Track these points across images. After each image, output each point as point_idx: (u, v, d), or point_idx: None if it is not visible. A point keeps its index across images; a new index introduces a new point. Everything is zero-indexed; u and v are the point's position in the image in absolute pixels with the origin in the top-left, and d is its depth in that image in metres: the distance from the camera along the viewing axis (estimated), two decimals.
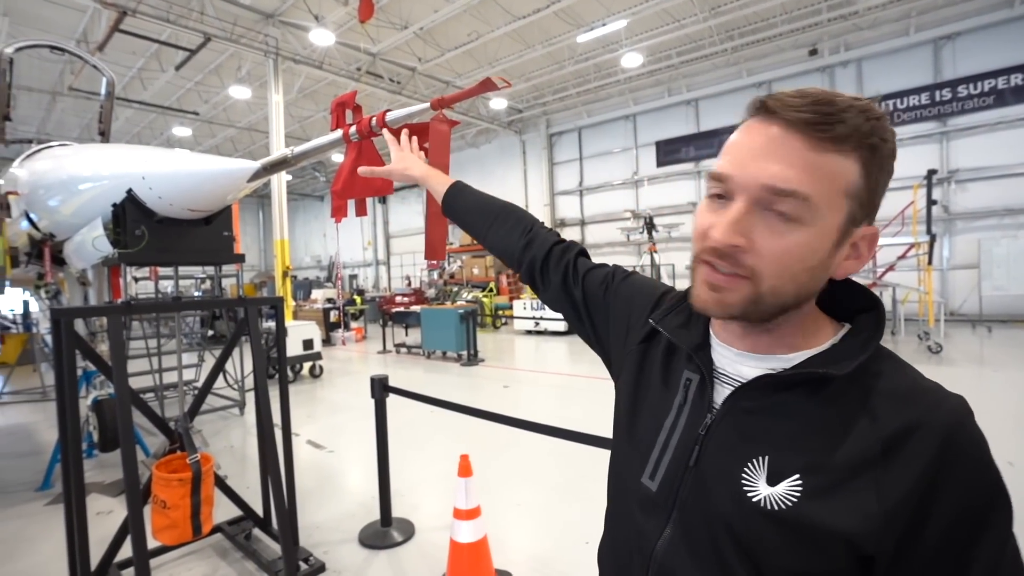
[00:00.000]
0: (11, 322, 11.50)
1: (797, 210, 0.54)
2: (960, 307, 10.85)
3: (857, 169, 0.55)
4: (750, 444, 0.61)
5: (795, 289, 0.58)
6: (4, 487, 4.00)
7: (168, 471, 2.40)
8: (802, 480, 0.56)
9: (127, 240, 2.13)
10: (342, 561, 2.81)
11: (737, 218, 0.56)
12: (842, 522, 0.53)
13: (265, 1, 9.92)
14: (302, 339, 7.62)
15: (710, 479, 0.63)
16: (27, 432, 5.55)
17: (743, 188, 0.56)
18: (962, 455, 0.53)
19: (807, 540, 0.55)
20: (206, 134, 17.19)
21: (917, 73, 10.91)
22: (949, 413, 0.55)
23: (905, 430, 0.54)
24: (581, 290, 0.91)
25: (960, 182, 10.75)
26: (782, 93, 0.56)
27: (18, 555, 2.98)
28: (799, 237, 0.55)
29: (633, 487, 0.72)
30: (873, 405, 0.57)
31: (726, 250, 0.57)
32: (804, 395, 0.59)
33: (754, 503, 0.58)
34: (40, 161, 3.08)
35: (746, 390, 0.63)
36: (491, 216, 1.02)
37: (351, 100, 1.41)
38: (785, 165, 0.54)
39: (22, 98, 12.47)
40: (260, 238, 27.22)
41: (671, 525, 0.66)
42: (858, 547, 0.54)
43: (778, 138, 0.55)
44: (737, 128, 0.61)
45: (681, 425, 0.68)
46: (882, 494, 0.53)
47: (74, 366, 2.26)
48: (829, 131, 0.53)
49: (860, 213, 0.58)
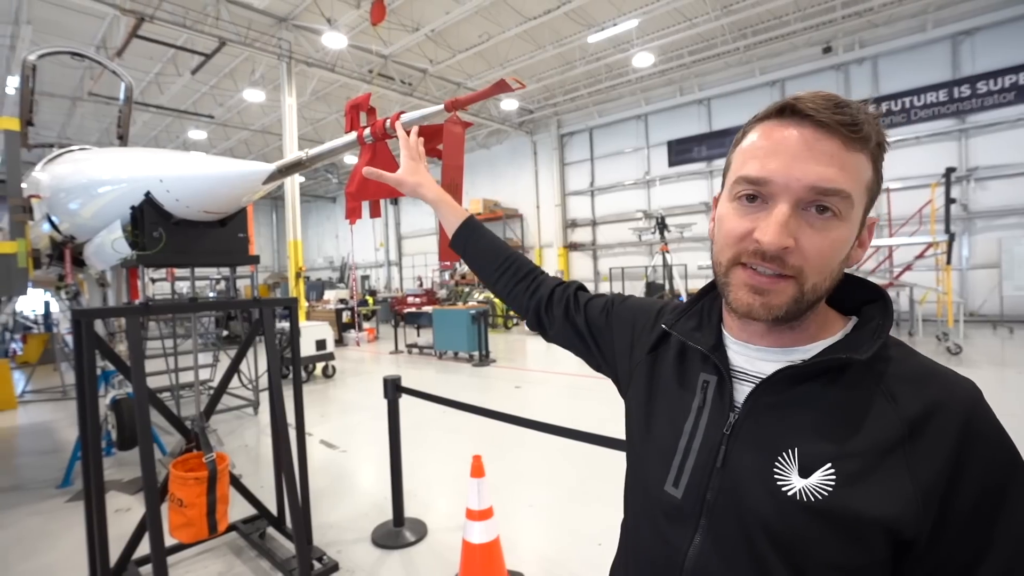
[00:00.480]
0: (33, 322, 11.76)
1: (840, 205, 0.57)
2: (980, 307, 10.63)
3: (871, 166, 0.59)
4: (778, 438, 0.61)
5: (830, 284, 0.60)
6: (27, 484, 4.09)
7: (185, 470, 2.43)
8: (835, 468, 0.57)
9: (145, 242, 2.16)
10: (355, 560, 2.83)
11: (785, 220, 0.57)
12: (882, 507, 0.54)
13: (278, 5, 10.04)
14: (315, 339, 7.68)
15: (740, 478, 0.62)
16: (48, 430, 5.67)
17: (787, 190, 0.57)
18: (982, 433, 0.55)
19: (848, 529, 0.55)
20: (221, 137, 17.44)
21: (934, 70, 10.70)
22: (966, 392, 0.58)
23: (927, 411, 0.56)
24: (583, 317, 0.94)
25: (980, 180, 10.52)
26: (807, 96, 0.57)
27: (40, 551, 3.04)
28: (839, 233, 0.58)
29: (656, 496, 0.70)
30: (891, 389, 0.58)
31: (776, 253, 0.57)
32: (824, 384, 0.61)
33: (790, 497, 0.58)
34: (61, 165, 3.15)
35: (768, 385, 0.63)
36: (499, 264, 1.05)
37: (365, 102, 1.41)
38: (827, 165, 0.56)
39: (44, 103, 12.74)
40: (273, 239, 27.54)
41: (700, 532, 0.64)
42: (898, 532, 0.54)
43: (814, 140, 0.56)
44: (751, 130, 0.62)
45: (702, 427, 0.67)
46: (915, 474, 0.55)
47: (94, 365, 2.30)
48: (859, 132, 0.56)
49: (870, 205, 0.62)
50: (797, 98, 0.58)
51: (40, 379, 8.12)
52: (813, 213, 0.57)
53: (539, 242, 17.44)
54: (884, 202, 11.00)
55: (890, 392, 0.58)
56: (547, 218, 17.19)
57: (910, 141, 11.11)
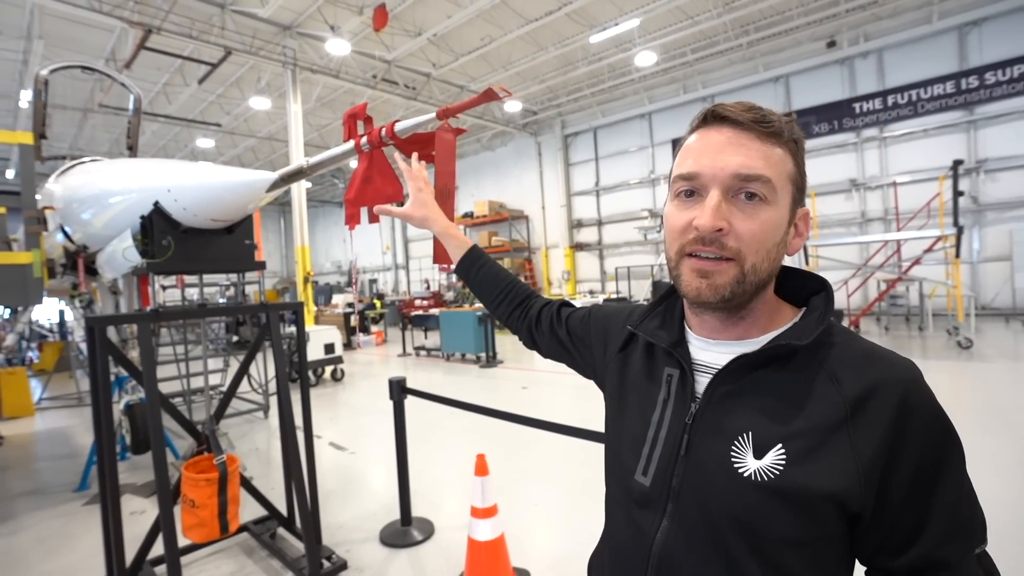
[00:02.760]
0: (48, 331, 11.98)
1: (763, 190, 0.63)
2: (992, 301, 10.50)
3: (790, 159, 0.66)
4: (734, 424, 0.65)
5: (769, 266, 0.65)
6: (45, 488, 4.19)
7: (196, 472, 2.49)
8: (785, 448, 0.61)
9: (154, 250, 2.23)
10: (364, 559, 2.88)
11: (717, 204, 0.63)
12: (828, 482, 0.59)
13: (283, 13, 10.17)
14: (323, 343, 7.76)
15: (701, 464, 0.66)
16: (65, 436, 5.79)
17: (715, 180, 0.64)
18: (919, 408, 0.60)
19: (799, 504, 0.60)
20: (228, 145, 17.66)
21: (941, 61, 10.59)
22: (904, 372, 0.62)
23: (867, 391, 0.61)
24: (565, 329, 1.02)
25: (989, 172, 10.39)
26: (728, 103, 0.66)
27: (59, 552, 3.13)
28: (767, 215, 0.64)
29: (627, 486, 0.75)
30: (835, 372, 0.63)
31: (712, 236, 0.63)
32: (775, 371, 0.66)
33: (745, 477, 0.62)
34: (73, 176, 3.23)
35: (724, 375, 0.68)
36: (499, 292, 1.13)
37: (362, 112, 1.46)
38: (746, 156, 0.63)
39: (56, 116, 13.00)
40: (282, 245, 27.80)
41: (667, 517, 0.68)
42: (845, 506, 0.59)
43: (734, 136, 0.64)
44: (690, 135, 0.70)
45: (668, 418, 0.72)
46: (857, 449, 0.59)
47: (107, 371, 2.37)
48: (770, 127, 0.64)
49: (798, 196, 0.67)
50: (718, 105, 0.66)
51: (56, 386, 8.28)
52: (742, 200, 0.63)
53: (545, 243, 17.46)
54: (891, 196, 10.92)
55: (834, 375, 0.63)
56: (553, 219, 17.21)
57: (917, 134, 11.01)
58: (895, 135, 11.28)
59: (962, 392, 5.49)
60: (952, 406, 5.52)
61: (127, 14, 8.81)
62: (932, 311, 9.27)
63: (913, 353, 7.58)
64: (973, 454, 0.66)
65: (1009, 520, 2.86)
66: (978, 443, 3.97)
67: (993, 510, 2.97)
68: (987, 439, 4.03)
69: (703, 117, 0.68)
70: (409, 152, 1.22)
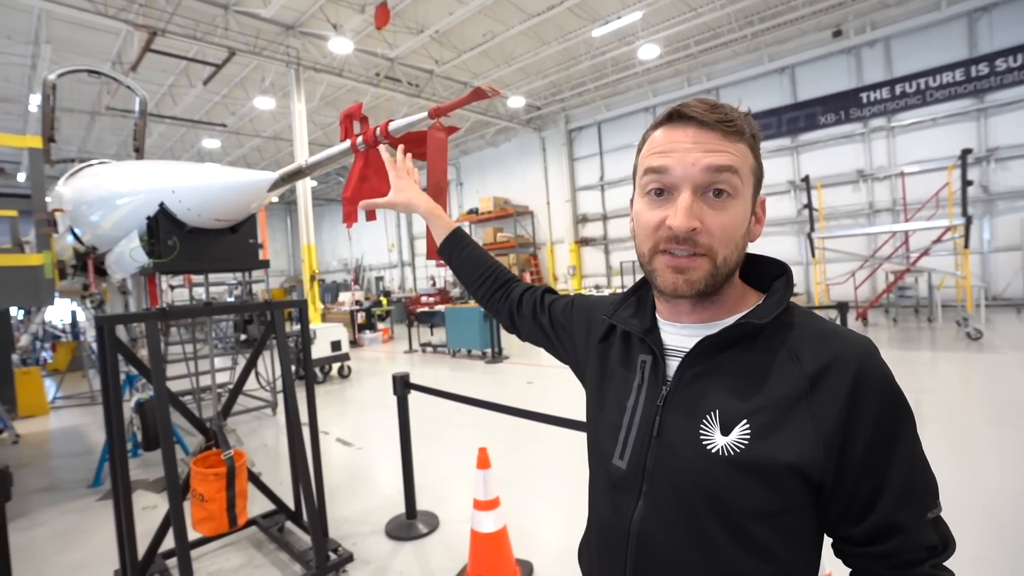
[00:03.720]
0: (61, 331, 12.17)
1: (732, 183, 0.66)
2: (1004, 291, 10.36)
3: (751, 153, 0.69)
4: (702, 404, 0.69)
5: (737, 256, 0.69)
6: (60, 484, 4.28)
7: (205, 467, 2.55)
8: (749, 424, 0.65)
9: (160, 250, 2.27)
10: (369, 552, 2.93)
11: (689, 205, 0.65)
12: (790, 453, 0.62)
13: (285, 13, 10.22)
14: (330, 341, 7.83)
15: (672, 443, 0.69)
16: (79, 433, 5.90)
17: (685, 177, 0.66)
18: (873, 381, 0.64)
19: (764, 476, 0.63)
20: (234, 145, 17.78)
21: (950, 49, 10.42)
22: (859, 347, 0.66)
23: (825, 366, 0.65)
24: (548, 316, 1.04)
25: (1000, 160, 10.24)
26: (690, 102, 0.68)
27: (75, 546, 3.21)
28: (735, 210, 0.67)
29: (607, 470, 0.77)
30: (795, 349, 0.67)
31: (686, 235, 0.65)
32: (740, 351, 0.69)
33: (713, 454, 0.65)
34: (81, 179, 3.29)
35: (692, 357, 0.71)
36: (480, 275, 1.14)
37: (358, 112, 1.49)
38: (713, 152, 0.66)
39: (64, 119, 13.15)
40: (288, 243, 27.99)
41: (643, 498, 0.71)
42: (808, 477, 0.63)
43: (699, 135, 0.66)
44: (649, 137, 0.72)
45: (642, 403, 0.75)
46: (816, 422, 0.63)
47: (117, 369, 2.42)
48: (732, 126, 0.66)
49: (758, 187, 0.71)
50: (682, 105, 0.68)
51: (70, 386, 8.42)
52: (711, 197, 0.66)
53: (550, 238, 17.45)
54: (899, 186, 10.80)
55: (795, 353, 0.67)
56: (558, 214, 17.19)
57: (926, 123, 10.86)
58: (903, 125, 11.13)
59: (970, 384, 5.44)
60: (959, 398, 5.49)
61: (132, 17, 8.88)
62: (941, 302, 9.17)
63: (922, 345, 7.52)
64: (980, 446, 0.69)
65: (1016, 511, 2.85)
66: (985, 435, 3.95)
67: (999, 501, 2.96)
68: (995, 431, 4.01)
69: (668, 116, 0.70)
70: (402, 150, 1.25)
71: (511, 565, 2.48)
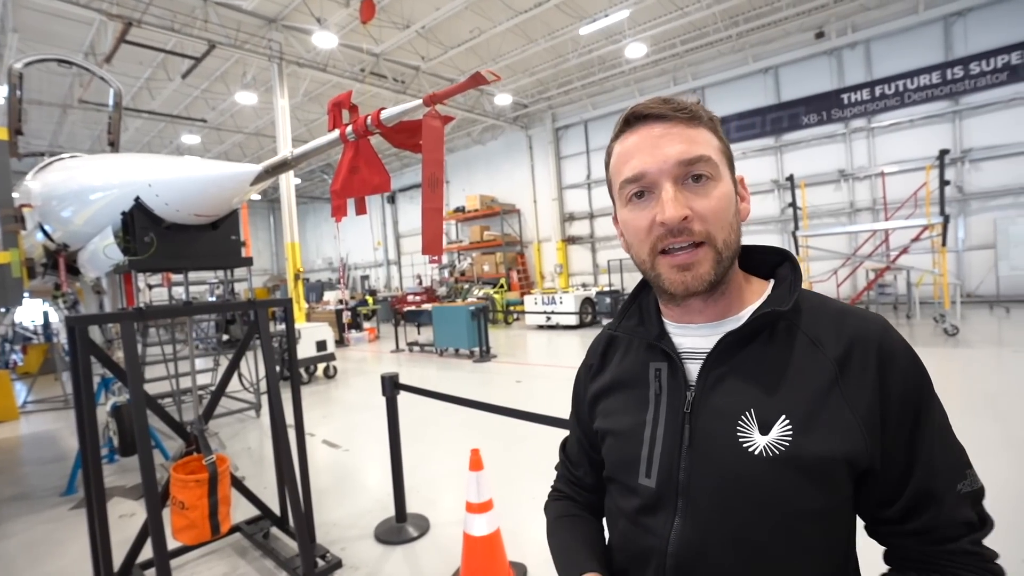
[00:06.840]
0: (32, 333, 11.77)
1: (707, 169, 0.65)
2: (977, 288, 10.64)
3: (713, 135, 0.68)
4: (734, 404, 0.65)
5: (736, 237, 0.67)
6: (32, 493, 4.11)
7: (185, 473, 2.45)
8: (789, 419, 0.62)
9: (136, 247, 2.17)
10: (358, 557, 2.85)
11: (674, 195, 0.64)
12: (836, 443, 0.60)
13: (267, 6, 9.99)
14: (315, 340, 7.70)
15: (708, 451, 0.65)
16: (51, 439, 5.69)
17: (663, 173, 0.65)
18: (895, 354, 0.64)
19: (815, 471, 0.60)
20: (215, 141, 17.40)
21: (927, 52, 10.66)
22: (876, 324, 0.66)
23: (848, 346, 0.64)
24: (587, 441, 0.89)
25: (974, 161, 10.50)
26: (644, 102, 0.68)
27: (46, 558, 3.06)
28: (720, 190, 0.66)
29: (631, 494, 0.71)
30: (814, 334, 0.66)
31: (679, 225, 0.63)
32: (762, 344, 0.67)
33: (756, 455, 0.61)
34: (51, 173, 3.14)
35: (715, 356, 0.68)
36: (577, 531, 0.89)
37: (347, 100, 1.42)
38: (680, 143, 0.65)
39: (33, 112, 12.71)
40: (272, 242, 27.52)
41: (679, 515, 0.65)
42: (855, 464, 0.60)
43: (662, 129, 0.66)
44: (613, 148, 0.71)
45: (663, 413, 0.69)
46: (853, 406, 0.61)
47: (90, 373, 2.30)
48: (689, 113, 0.66)
49: (732, 165, 0.70)
50: (636, 107, 0.68)
51: (41, 389, 8.13)
52: (692, 184, 0.65)
53: (537, 236, 17.43)
54: (879, 186, 11.01)
55: (816, 338, 0.65)
56: (544, 212, 17.17)
57: (904, 124, 11.09)
58: (883, 125, 11.36)
59: (949, 378, 5.55)
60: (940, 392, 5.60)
61: (105, 6, 8.60)
62: (919, 299, 9.38)
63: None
64: (960, 438, 0.66)
65: (994, 501, 2.89)
66: (964, 427, 4.01)
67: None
68: (973, 423, 4.08)
69: (625, 121, 0.69)
70: (396, 141, 1.18)
71: (505, 568, 2.43)
